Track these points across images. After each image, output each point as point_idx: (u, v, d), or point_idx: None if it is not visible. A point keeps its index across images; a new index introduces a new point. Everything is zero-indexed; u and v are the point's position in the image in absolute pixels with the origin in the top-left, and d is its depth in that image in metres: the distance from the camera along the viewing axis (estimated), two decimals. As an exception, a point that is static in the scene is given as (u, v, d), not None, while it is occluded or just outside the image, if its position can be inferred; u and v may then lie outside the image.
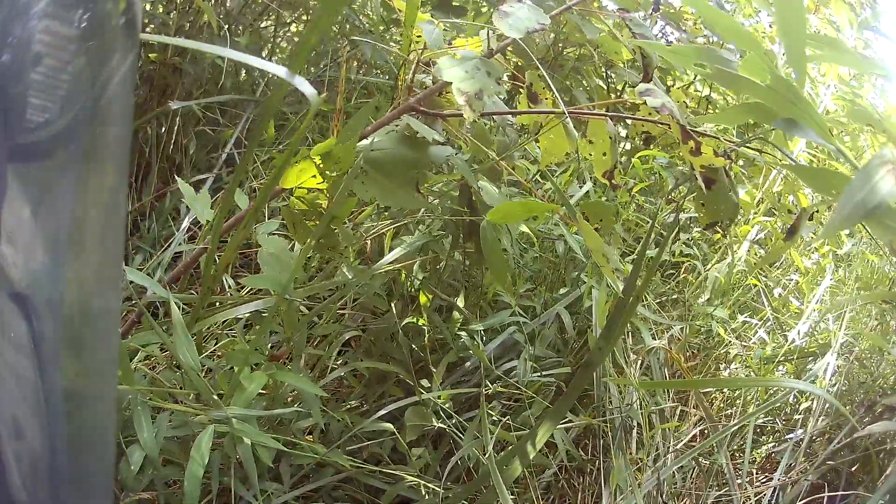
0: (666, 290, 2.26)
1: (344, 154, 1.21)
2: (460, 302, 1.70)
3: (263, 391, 1.32)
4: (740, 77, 1.09)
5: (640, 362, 1.89)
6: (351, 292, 1.56)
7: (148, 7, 2.26)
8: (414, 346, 1.62)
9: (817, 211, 1.59)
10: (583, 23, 1.78)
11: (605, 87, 2.32)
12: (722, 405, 2.11)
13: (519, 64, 1.56)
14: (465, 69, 1.21)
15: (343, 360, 1.59)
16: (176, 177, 1.60)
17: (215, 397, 1.18)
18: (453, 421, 1.54)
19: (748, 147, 1.55)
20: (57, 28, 0.50)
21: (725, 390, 2.13)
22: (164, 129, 2.13)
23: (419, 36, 1.44)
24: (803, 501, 1.73)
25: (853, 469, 1.92)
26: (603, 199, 2.11)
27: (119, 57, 0.56)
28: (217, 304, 1.52)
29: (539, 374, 1.69)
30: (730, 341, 2.23)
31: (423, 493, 1.46)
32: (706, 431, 1.91)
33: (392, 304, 1.60)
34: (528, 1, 1.28)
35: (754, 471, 1.97)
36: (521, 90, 1.46)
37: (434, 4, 2.43)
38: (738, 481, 1.82)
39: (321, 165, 1.24)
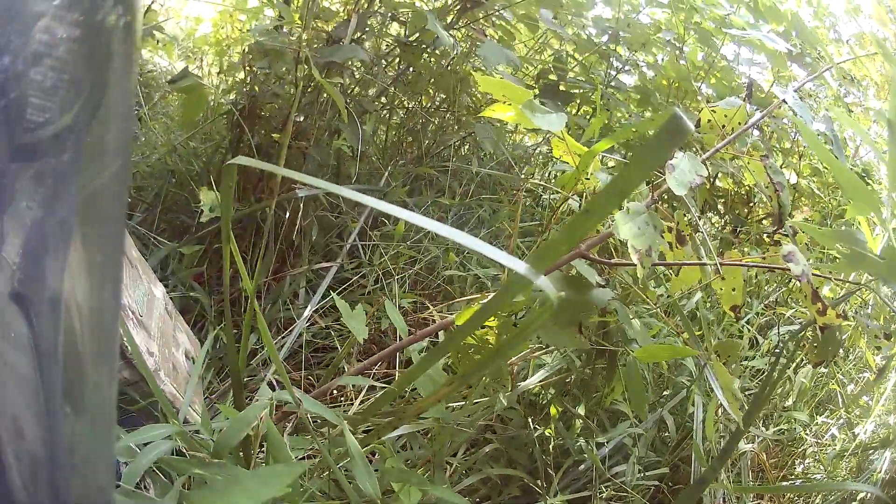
0: (751, 386, 2.40)
1: (521, 303, 1.35)
2: (581, 410, 1.83)
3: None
4: (867, 256, 1.28)
5: (730, 462, 2.04)
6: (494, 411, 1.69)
7: (257, 75, 2.35)
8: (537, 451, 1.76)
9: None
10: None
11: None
12: (793, 496, 2.27)
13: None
14: (638, 225, 1.32)
15: (473, 462, 1.72)
16: (292, 264, 1.71)
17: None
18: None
19: (849, 282, 1.70)
20: (57, 28, 0.51)
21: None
22: (286, 212, 2.22)
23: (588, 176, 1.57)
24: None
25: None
26: (707, 305, 2.25)
27: (119, 57, 0.59)
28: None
29: (642, 474, 1.83)
30: (807, 440, 2.40)
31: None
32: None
33: (529, 419, 1.73)
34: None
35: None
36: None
37: (541, 90, 2.55)
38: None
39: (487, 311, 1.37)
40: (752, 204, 2.87)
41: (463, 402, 1.67)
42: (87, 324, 0.62)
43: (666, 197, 1.65)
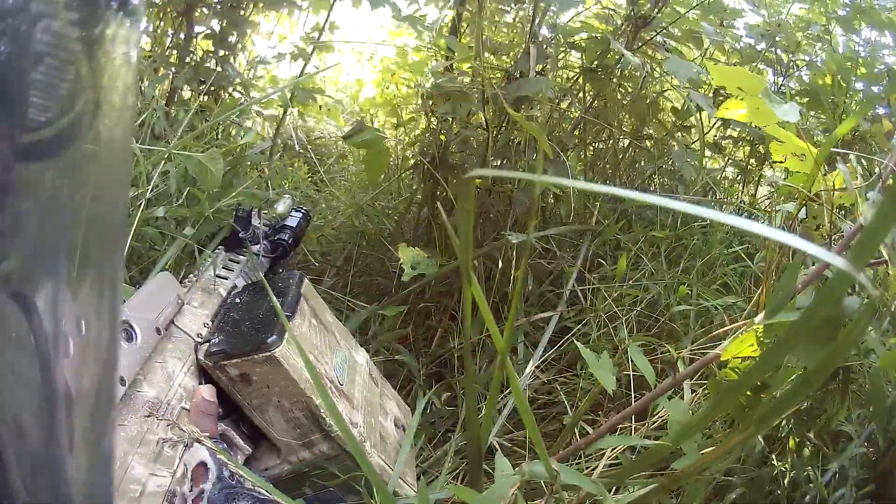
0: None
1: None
2: (811, 435, 1.70)
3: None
4: None
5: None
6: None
7: (441, 123, 2.30)
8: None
9: None
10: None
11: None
12: None
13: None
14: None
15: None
16: (507, 318, 1.62)
17: None
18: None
19: None
20: (57, 28, 0.51)
21: None
22: (499, 263, 2.12)
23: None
24: None
25: None
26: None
27: (121, 56, 0.58)
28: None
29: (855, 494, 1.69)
30: None
31: None
32: None
33: (771, 455, 1.61)
34: None
35: None
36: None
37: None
38: None
39: (760, 336, 1.25)
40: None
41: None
42: (86, 324, 0.61)
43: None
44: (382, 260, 2.40)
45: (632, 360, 1.60)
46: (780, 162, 1.54)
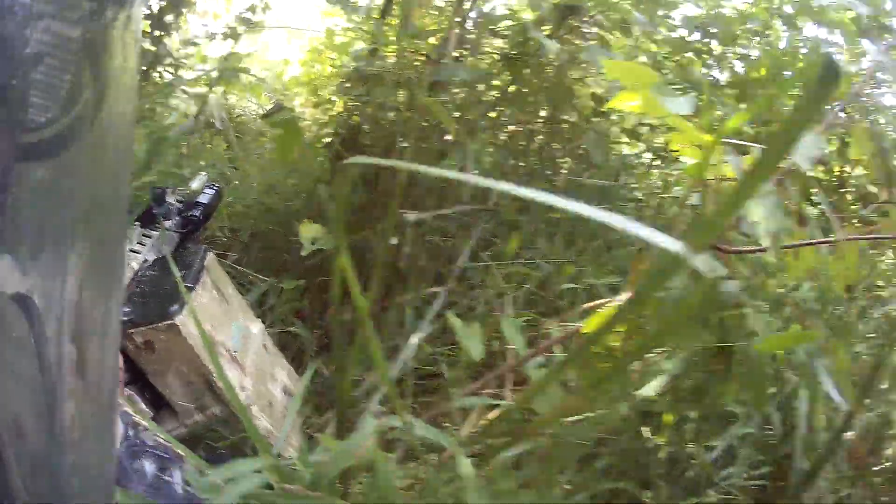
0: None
1: (648, 304, 1.27)
2: (694, 414, 1.74)
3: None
4: None
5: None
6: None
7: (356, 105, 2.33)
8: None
9: None
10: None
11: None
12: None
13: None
14: (767, 206, 1.27)
15: (587, 478, 1.63)
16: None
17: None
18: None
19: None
20: (57, 28, 0.52)
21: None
22: (396, 239, 2.13)
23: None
24: None
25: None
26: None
27: (120, 56, 0.60)
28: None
29: (748, 474, 1.73)
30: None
31: None
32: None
33: (643, 429, 1.65)
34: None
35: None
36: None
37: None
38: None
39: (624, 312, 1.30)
40: (842, 190, 2.80)
41: (578, 417, 1.60)
42: (88, 323, 0.63)
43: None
44: (287, 236, 2.43)
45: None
46: (676, 151, 1.58)
